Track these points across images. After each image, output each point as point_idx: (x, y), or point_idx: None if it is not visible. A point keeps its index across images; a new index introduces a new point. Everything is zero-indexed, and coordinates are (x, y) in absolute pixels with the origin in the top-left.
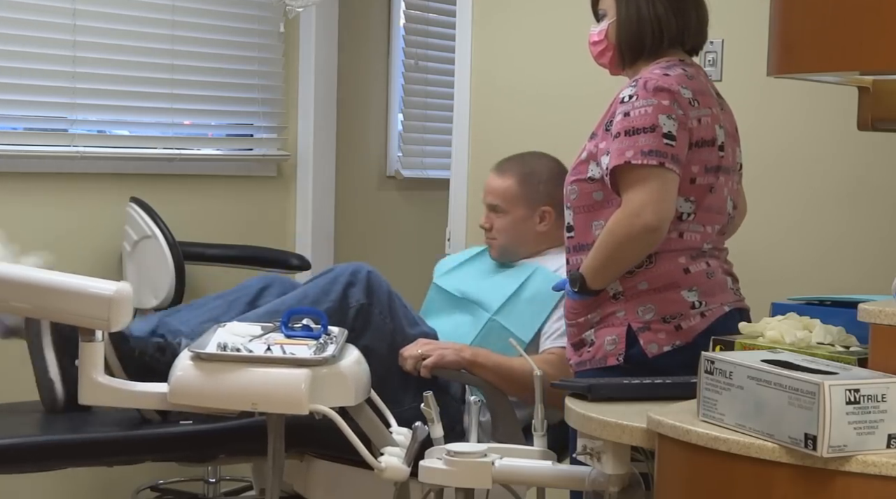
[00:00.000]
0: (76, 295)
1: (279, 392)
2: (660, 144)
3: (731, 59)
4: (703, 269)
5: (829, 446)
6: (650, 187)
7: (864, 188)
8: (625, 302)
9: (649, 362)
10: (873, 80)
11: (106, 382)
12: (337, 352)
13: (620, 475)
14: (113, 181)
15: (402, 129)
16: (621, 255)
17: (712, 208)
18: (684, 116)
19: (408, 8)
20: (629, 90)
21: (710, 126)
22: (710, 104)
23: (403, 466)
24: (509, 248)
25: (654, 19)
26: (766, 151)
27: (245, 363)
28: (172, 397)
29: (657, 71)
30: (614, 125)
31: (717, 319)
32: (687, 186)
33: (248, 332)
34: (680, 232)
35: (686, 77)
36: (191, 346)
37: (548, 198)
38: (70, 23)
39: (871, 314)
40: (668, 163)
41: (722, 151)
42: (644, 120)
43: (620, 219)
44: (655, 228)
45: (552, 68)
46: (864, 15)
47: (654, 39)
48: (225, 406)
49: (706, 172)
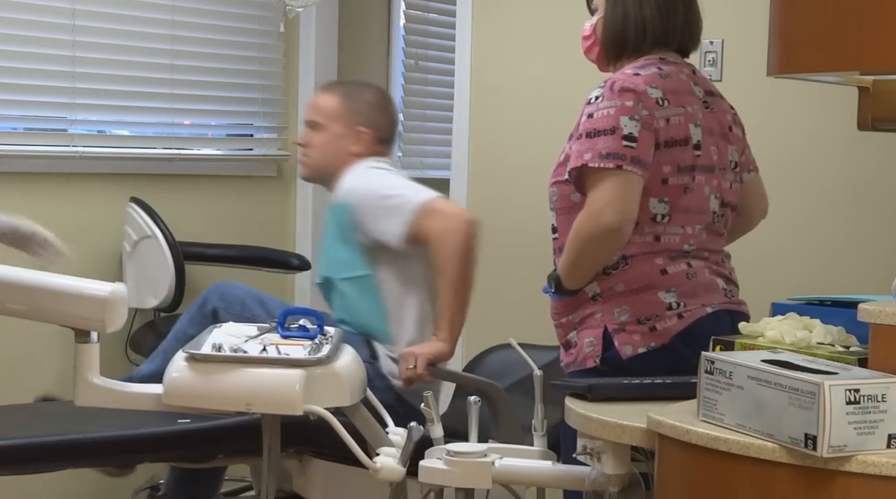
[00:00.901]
0: (71, 297)
1: (273, 393)
2: (618, 147)
3: (731, 59)
4: (682, 269)
5: (829, 446)
6: (609, 188)
7: (864, 188)
8: (602, 304)
9: (625, 364)
10: (873, 80)
11: (101, 383)
12: (332, 352)
13: (620, 475)
14: (113, 181)
15: (402, 129)
16: (587, 255)
17: (690, 209)
18: (650, 117)
19: (408, 8)
20: (597, 91)
21: (681, 125)
22: (684, 103)
23: (398, 466)
24: (320, 167)
25: (638, 19)
26: (766, 151)
27: (239, 364)
28: (167, 398)
29: (628, 71)
30: (580, 125)
31: (696, 320)
32: (659, 187)
33: (244, 332)
34: (656, 235)
35: (659, 76)
36: (186, 347)
37: (367, 120)
38: (70, 23)
39: (871, 314)
40: (626, 165)
41: (698, 150)
42: (605, 122)
43: (583, 221)
44: (616, 229)
45: (552, 68)
46: (864, 15)
47: (637, 39)
48: (219, 407)
49: (679, 171)
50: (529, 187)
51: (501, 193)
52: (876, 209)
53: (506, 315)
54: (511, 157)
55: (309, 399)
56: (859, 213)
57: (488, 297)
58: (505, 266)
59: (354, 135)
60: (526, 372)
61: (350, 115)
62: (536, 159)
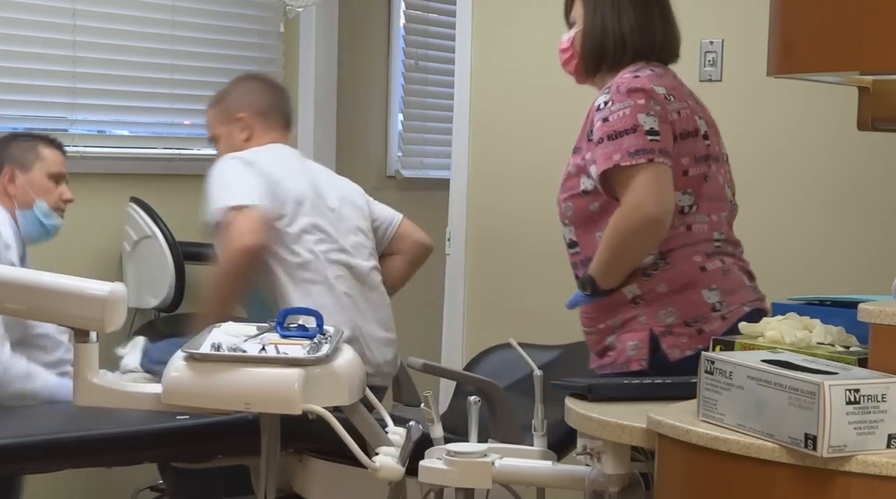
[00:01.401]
0: (70, 296)
1: (272, 392)
2: (644, 142)
3: (731, 59)
4: (718, 266)
5: (829, 446)
6: (645, 181)
7: (864, 188)
8: (645, 306)
9: (672, 367)
10: (873, 80)
11: (100, 382)
12: (331, 351)
13: (620, 475)
14: (113, 181)
15: (402, 129)
16: (628, 250)
17: (712, 197)
18: (663, 111)
19: (408, 8)
20: (603, 97)
21: (689, 117)
22: (684, 97)
23: (398, 465)
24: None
25: (617, 33)
26: (766, 150)
27: (238, 363)
28: (166, 397)
29: (627, 75)
30: (595, 132)
31: (737, 320)
32: (681, 179)
33: (244, 332)
34: (687, 225)
35: (656, 76)
36: (185, 346)
37: (240, 105)
38: (70, 23)
39: (871, 314)
40: (657, 158)
41: (707, 140)
42: (624, 122)
43: (623, 215)
44: (658, 219)
45: (552, 68)
46: (864, 15)
47: (617, 52)
48: (218, 406)
49: (696, 162)
50: (529, 187)
51: (501, 193)
52: (876, 209)
53: (505, 315)
54: (511, 157)
55: (308, 398)
56: (860, 212)
57: (488, 296)
58: (505, 266)
59: (237, 124)
60: (525, 372)
61: (225, 112)
62: (536, 159)
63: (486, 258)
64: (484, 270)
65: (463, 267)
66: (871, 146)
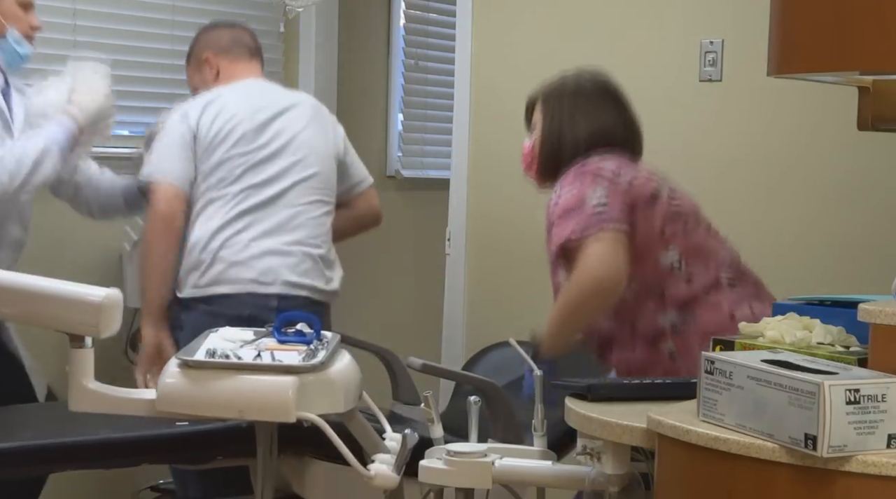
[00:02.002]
0: (65, 301)
1: (266, 400)
2: (592, 213)
3: (731, 59)
4: (747, 314)
5: (829, 446)
6: (596, 249)
7: (864, 188)
8: (683, 359)
9: None
10: (873, 80)
11: (96, 388)
12: (326, 358)
13: (620, 475)
14: None
15: (402, 129)
16: (579, 317)
17: (700, 246)
18: (612, 182)
19: (408, 8)
20: (555, 189)
21: (644, 184)
22: (635, 170)
23: (393, 474)
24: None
25: (572, 138)
26: (767, 150)
27: (232, 371)
28: (160, 404)
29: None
30: (550, 218)
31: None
32: (659, 239)
33: (240, 337)
34: (686, 279)
35: (601, 159)
36: (179, 353)
37: (203, 48)
38: (70, 23)
39: (871, 314)
40: (606, 225)
41: (675, 199)
42: (573, 200)
43: (573, 283)
44: (607, 281)
45: (552, 68)
46: (864, 15)
47: (576, 157)
48: (212, 414)
49: (671, 220)
50: (530, 187)
51: (501, 193)
52: (876, 209)
53: (505, 314)
54: (511, 157)
55: (302, 406)
56: (859, 213)
57: (487, 295)
58: (505, 266)
59: (206, 66)
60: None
61: (194, 61)
62: None
63: (486, 258)
64: (484, 270)
65: (463, 267)
66: (871, 146)
